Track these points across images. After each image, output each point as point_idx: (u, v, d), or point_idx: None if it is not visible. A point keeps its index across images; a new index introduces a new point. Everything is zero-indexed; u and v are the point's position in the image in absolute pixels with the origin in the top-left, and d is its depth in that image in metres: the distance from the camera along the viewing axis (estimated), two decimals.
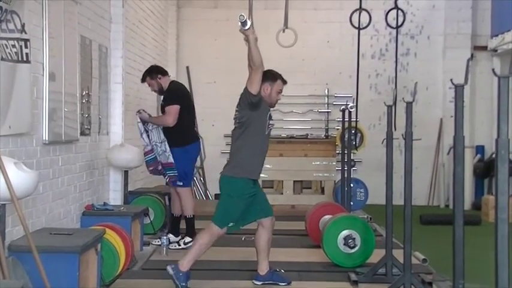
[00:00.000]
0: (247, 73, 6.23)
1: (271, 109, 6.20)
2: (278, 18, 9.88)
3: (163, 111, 7.98)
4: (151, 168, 8.07)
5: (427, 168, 13.27)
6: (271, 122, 6.17)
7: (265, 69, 6.09)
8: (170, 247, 7.72)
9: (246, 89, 6.00)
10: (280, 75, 6.24)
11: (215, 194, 12.95)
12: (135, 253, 7.13)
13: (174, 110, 7.83)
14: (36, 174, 4.91)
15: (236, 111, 6.14)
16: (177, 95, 8.02)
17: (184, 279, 6.05)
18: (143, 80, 8.20)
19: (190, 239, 7.79)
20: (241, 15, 5.61)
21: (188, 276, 6.09)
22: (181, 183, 7.99)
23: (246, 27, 5.67)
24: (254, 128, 6.02)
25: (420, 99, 12.50)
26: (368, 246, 7.01)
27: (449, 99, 12.36)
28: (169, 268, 6.05)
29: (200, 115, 13.25)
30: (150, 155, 8.00)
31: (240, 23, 5.64)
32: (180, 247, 7.84)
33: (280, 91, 6.21)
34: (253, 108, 5.99)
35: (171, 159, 7.91)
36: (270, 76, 6.14)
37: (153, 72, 8.14)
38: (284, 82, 6.22)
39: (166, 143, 7.91)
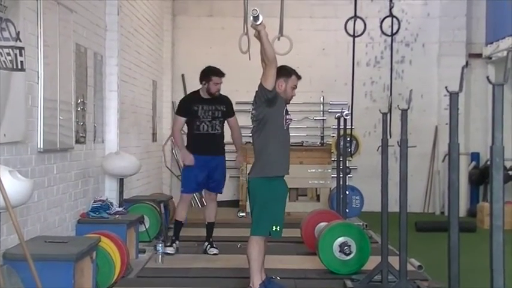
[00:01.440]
0: (242, 80, 6.24)
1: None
2: (273, 26, 9.81)
3: (225, 118, 8.26)
4: None
5: (422, 175, 13.28)
6: (288, 116, 6.04)
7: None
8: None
9: (261, 86, 5.87)
10: (294, 70, 6.17)
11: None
12: (131, 261, 7.12)
13: None
14: (31, 183, 4.90)
15: (252, 109, 6.01)
16: None
17: None
18: (223, 74, 8.35)
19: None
20: (254, 9, 5.60)
21: (266, 286, 5.97)
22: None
23: (258, 22, 5.66)
24: (273, 124, 5.88)
25: (415, 107, 12.50)
26: (363, 253, 7.01)
27: (444, 106, 12.38)
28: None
29: None
30: None
31: (252, 18, 5.64)
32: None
33: (295, 87, 6.11)
34: (270, 105, 5.86)
35: None
36: (284, 72, 6.08)
37: None
38: (299, 77, 6.15)
39: None
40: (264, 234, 5.91)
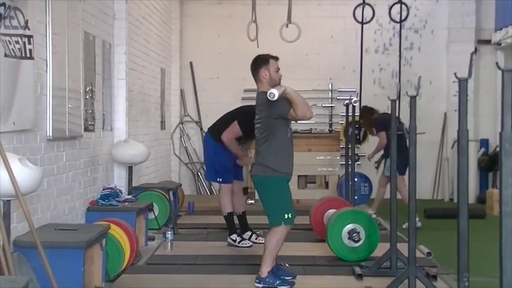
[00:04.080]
0: (249, 68, 6.25)
1: None
2: (282, 13, 9.87)
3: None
4: None
5: (431, 162, 13.26)
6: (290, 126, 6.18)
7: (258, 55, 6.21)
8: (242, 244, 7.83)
9: (279, 106, 5.91)
10: (268, 54, 6.27)
11: (219, 189, 12.97)
12: (140, 248, 7.15)
13: None
14: (40, 170, 4.92)
15: (257, 120, 6.12)
16: None
17: (274, 278, 6.02)
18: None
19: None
20: (271, 93, 5.71)
21: (275, 273, 6.06)
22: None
23: (275, 99, 5.73)
24: (278, 134, 6.02)
25: (424, 94, 12.47)
26: (372, 240, 7.02)
27: (453, 93, 12.34)
28: (257, 285, 6.02)
29: (203, 111, 13.32)
30: None
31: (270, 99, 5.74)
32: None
33: (278, 69, 6.22)
34: (278, 118, 6.00)
35: None
36: (261, 62, 6.20)
37: None
38: (276, 58, 6.25)
39: None
40: (278, 223, 6.01)
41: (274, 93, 5.72)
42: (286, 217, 6.01)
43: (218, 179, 8.03)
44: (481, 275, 6.03)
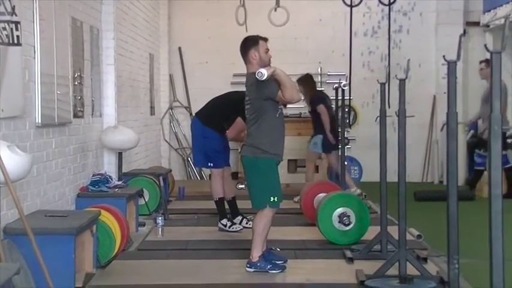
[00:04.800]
0: (239, 53, 6.24)
1: None
2: None
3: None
4: None
5: (421, 145, 13.29)
6: (280, 106, 6.14)
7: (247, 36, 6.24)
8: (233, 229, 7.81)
9: (268, 88, 5.92)
10: (257, 35, 6.26)
11: (209, 175, 12.96)
12: (131, 234, 7.15)
13: None
14: (29, 157, 4.90)
15: (247, 101, 6.12)
16: None
17: (265, 262, 6.01)
18: None
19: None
20: (259, 72, 5.72)
21: (266, 257, 6.05)
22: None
23: (264, 78, 5.74)
24: (268, 115, 6.00)
25: (413, 76, 12.46)
26: (363, 224, 7.04)
27: (442, 75, 12.32)
28: (248, 270, 6.01)
29: (193, 96, 13.28)
30: None
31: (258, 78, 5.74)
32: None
33: (267, 50, 6.19)
34: (267, 100, 5.98)
35: None
36: (251, 43, 6.18)
37: None
38: (265, 39, 6.23)
39: None
40: (263, 206, 6.00)
41: (263, 72, 5.72)
42: (271, 200, 5.98)
43: (209, 164, 7.98)
44: (471, 257, 6.06)
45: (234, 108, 7.35)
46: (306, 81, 9.90)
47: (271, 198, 5.99)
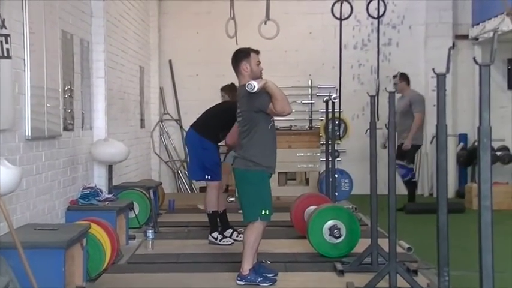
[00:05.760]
0: (229, 65, 6.25)
1: None
2: (260, 9, 9.85)
3: None
4: None
5: None
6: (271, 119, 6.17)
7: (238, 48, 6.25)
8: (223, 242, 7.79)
9: (259, 101, 5.95)
10: (249, 48, 6.27)
11: (200, 187, 12.95)
12: (121, 247, 7.13)
13: None
14: (19, 171, 4.89)
15: (239, 113, 6.15)
16: None
17: (256, 275, 6.01)
18: None
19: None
20: (249, 84, 5.77)
21: (256, 270, 6.05)
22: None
23: (255, 91, 5.78)
24: (260, 128, 6.02)
25: None
26: (353, 236, 7.03)
27: (432, 88, 12.37)
28: (239, 283, 6.00)
29: (183, 108, 13.29)
30: None
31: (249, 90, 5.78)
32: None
33: (259, 62, 6.21)
34: (258, 112, 6.00)
35: None
36: (242, 55, 6.19)
37: None
38: (257, 52, 6.25)
39: None
40: (254, 219, 6.00)
41: (254, 84, 5.73)
42: (263, 213, 5.98)
43: (207, 177, 7.89)
44: (461, 269, 6.06)
45: (231, 116, 7.33)
46: (230, 90, 9.91)
47: (263, 211, 5.98)
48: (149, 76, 12.82)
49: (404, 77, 10.93)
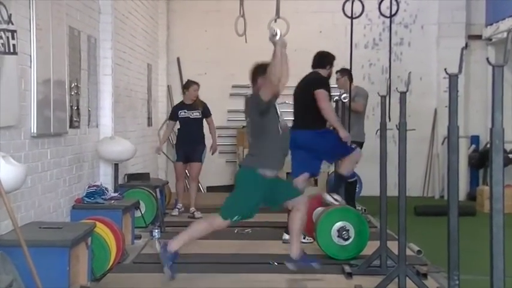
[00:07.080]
0: (239, 64, 6.20)
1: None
2: (269, 8, 9.74)
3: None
4: None
5: (422, 159, 13.22)
6: (282, 120, 6.18)
7: (257, 63, 6.31)
8: None
9: (257, 97, 6.01)
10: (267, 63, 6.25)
11: (207, 187, 12.90)
12: (126, 247, 7.10)
13: None
14: (24, 168, 4.86)
15: (246, 118, 6.25)
16: None
17: (170, 259, 6.08)
18: None
19: None
20: (272, 27, 5.80)
21: (175, 256, 6.12)
22: None
23: (276, 38, 5.90)
24: (268, 132, 6.06)
25: (414, 89, 12.41)
26: (362, 238, 6.96)
27: (444, 89, 12.30)
28: (157, 244, 6.05)
29: None
30: None
31: (270, 33, 5.85)
32: None
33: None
34: (262, 115, 6.01)
35: None
36: (263, 70, 6.15)
37: None
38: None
39: None
40: (226, 217, 6.10)
41: (277, 31, 5.94)
42: (235, 218, 6.09)
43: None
44: (472, 273, 5.98)
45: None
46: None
47: (237, 216, 6.09)
48: (157, 74, 12.78)
49: (346, 72, 10.62)
